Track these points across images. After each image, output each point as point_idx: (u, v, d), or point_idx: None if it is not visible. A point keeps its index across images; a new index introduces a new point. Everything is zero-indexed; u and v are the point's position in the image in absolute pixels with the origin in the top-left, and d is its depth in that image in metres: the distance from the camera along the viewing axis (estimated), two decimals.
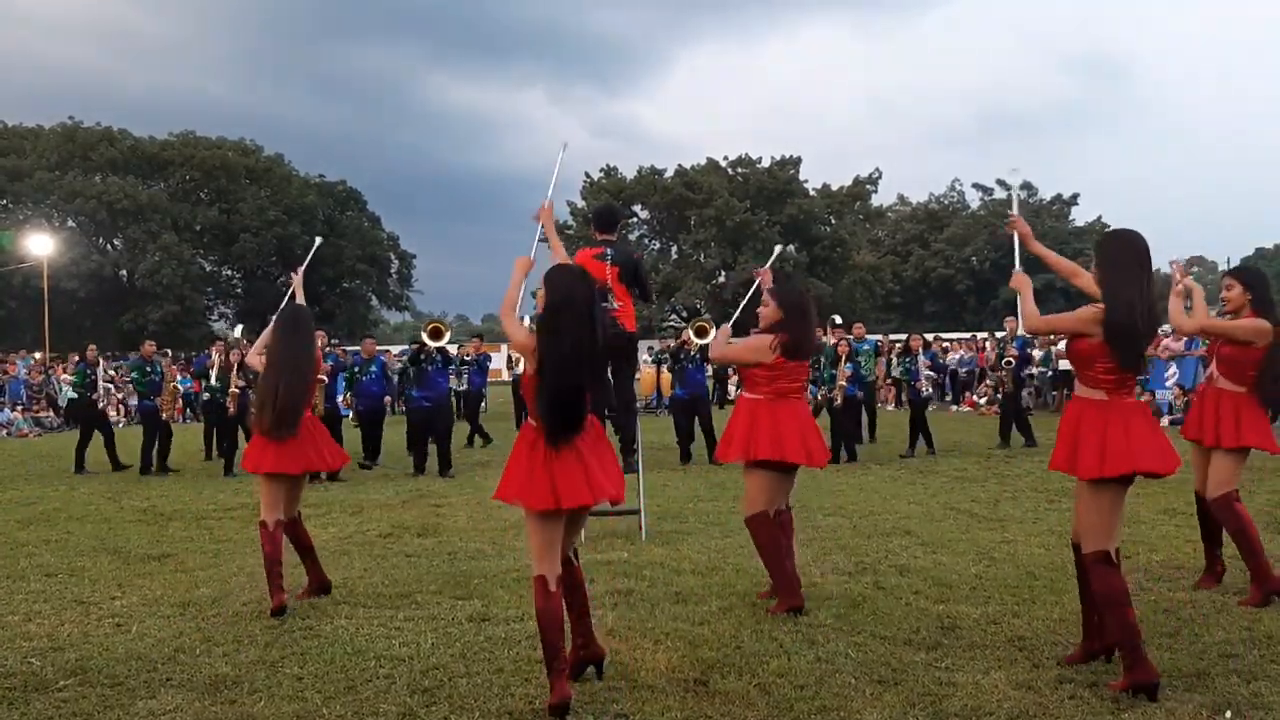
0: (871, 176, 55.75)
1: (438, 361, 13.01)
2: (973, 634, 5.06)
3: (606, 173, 54.40)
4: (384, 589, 6.36)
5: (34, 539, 8.56)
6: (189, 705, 4.27)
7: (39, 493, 11.89)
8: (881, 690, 4.25)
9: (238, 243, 51.29)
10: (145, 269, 48.58)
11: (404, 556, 7.43)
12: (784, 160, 53.73)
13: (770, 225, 50.85)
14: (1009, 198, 8.86)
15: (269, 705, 4.26)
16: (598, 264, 7.98)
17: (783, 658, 4.73)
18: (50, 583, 6.79)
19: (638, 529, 8.00)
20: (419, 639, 5.18)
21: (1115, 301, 4.23)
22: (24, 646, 5.22)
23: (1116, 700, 4.07)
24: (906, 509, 9.13)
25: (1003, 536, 7.69)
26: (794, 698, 4.19)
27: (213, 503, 10.61)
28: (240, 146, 54.45)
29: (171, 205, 50.69)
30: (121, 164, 50.69)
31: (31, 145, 50.66)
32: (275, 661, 4.86)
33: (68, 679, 4.66)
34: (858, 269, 54.49)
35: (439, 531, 8.45)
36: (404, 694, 4.35)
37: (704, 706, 4.12)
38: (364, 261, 56.55)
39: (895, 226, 63.59)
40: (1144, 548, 7.07)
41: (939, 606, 5.61)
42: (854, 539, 7.73)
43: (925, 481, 11.11)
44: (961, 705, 4.05)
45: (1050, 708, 4.02)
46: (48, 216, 49.31)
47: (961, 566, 6.64)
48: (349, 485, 12.06)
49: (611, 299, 7.92)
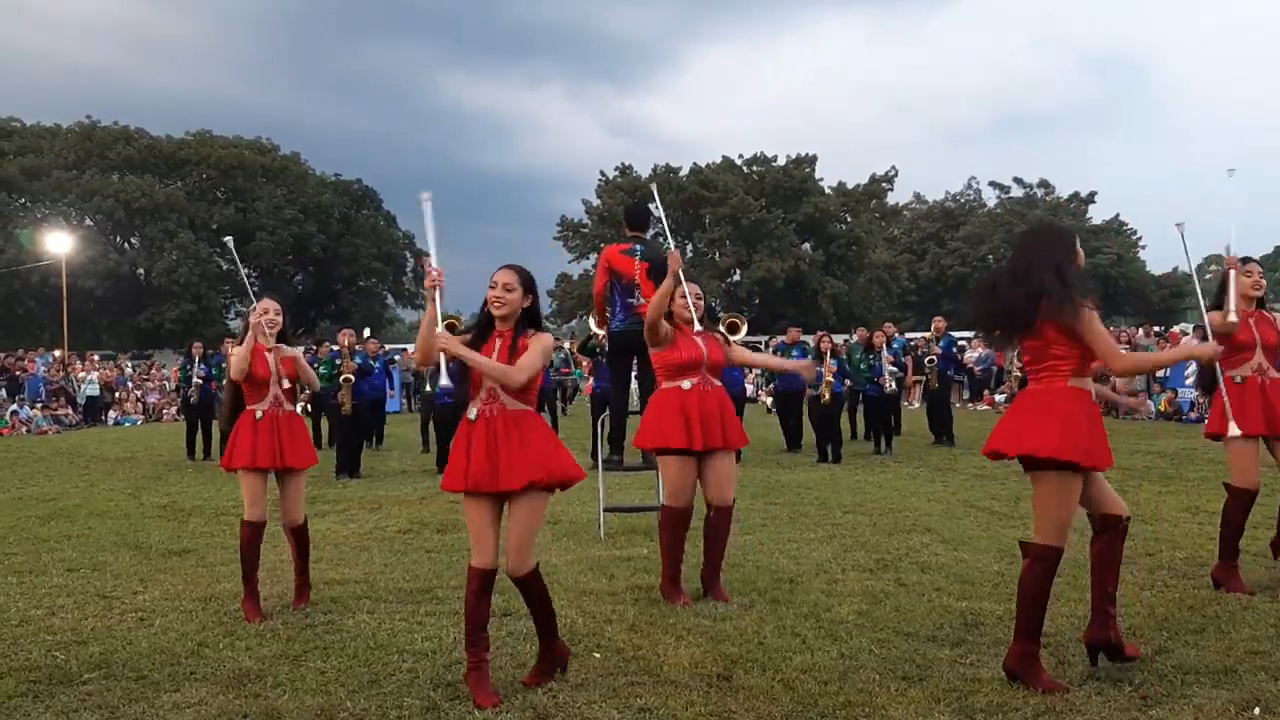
0: (888, 174, 55.67)
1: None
2: (996, 630, 5.03)
3: (622, 171, 54.42)
4: (405, 584, 6.37)
5: (55, 534, 8.61)
6: (213, 699, 4.28)
7: (59, 489, 11.96)
8: (906, 686, 4.23)
9: (254, 241, 51.48)
10: (162, 268, 48.80)
11: (424, 552, 7.44)
12: (799, 159, 53.63)
13: (786, 223, 50.79)
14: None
15: (293, 699, 4.26)
16: (626, 259, 8.01)
17: (806, 653, 4.71)
18: (72, 577, 6.82)
19: (656, 525, 7.97)
20: (441, 634, 5.19)
21: None
22: (48, 640, 5.24)
23: (1144, 696, 4.04)
24: (926, 506, 9.10)
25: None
26: (818, 693, 4.17)
27: (232, 499, 10.64)
28: (256, 145, 54.64)
29: (188, 204, 50.88)
30: (138, 163, 50.91)
31: (49, 144, 50.91)
32: (298, 656, 4.87)
33: (92, 672, 4.68)
34: (874, 267, 54.39)
35: (458, 527, 8.45)
36: (427, 688, 4.35)
37: (728, 701, 4.11)
38: (379, 260, 56.74)
39: (911, 225, 63.38)
40: (1167, 545, 7.03)
41: (961, 603, 5.59)
42: (874, 536, 7.71)
43: (945, 479, 11.07)
44: (987, 701, 4.03)
45: (1076, 704, 3.99)
46: (65, 215, 49.59)
47: (983, 563, 6.61)
48: (368, 482, 12.10)
49: (639, 294, 7.94)
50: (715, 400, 5.79)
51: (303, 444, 5.99)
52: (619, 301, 8.02)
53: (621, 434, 8.46)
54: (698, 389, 5.74)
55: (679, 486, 5.81)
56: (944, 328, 16.74)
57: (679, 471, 5.78)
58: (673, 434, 5.66)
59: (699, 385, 5.75)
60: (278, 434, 5.86)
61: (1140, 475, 10.89)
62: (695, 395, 5.72)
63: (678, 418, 5.67)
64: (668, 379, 5.81)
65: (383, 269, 57.14)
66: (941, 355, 15.60)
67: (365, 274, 56.47)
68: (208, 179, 53.13)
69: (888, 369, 14.40)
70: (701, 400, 5.73)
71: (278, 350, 5.99)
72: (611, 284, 8.04)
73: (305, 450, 6.00)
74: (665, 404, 5.76)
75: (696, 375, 5.76)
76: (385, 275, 57.85)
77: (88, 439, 20.81)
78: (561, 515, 8.95)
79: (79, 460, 15.66)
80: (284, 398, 5.97)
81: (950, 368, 16.46)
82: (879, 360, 14.46)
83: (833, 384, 13.53)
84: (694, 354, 5.76)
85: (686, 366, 5.75)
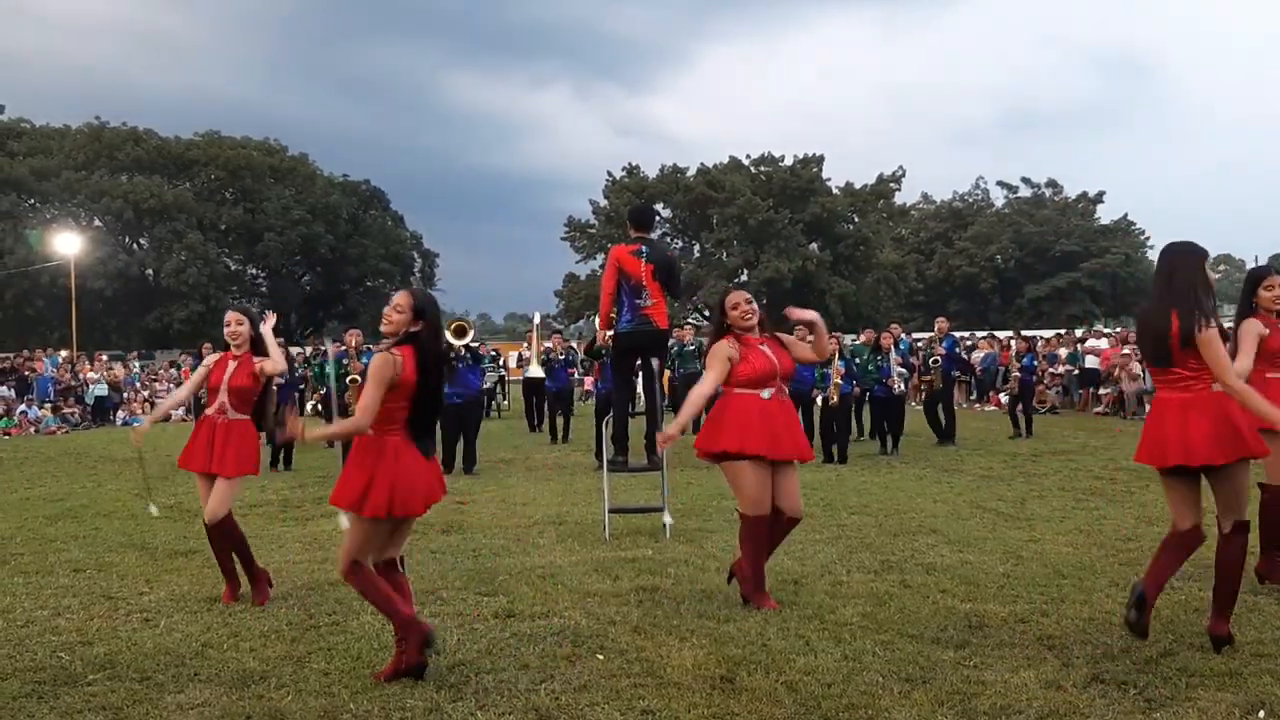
0: (895, 174, 55.58)
1: (467, 359, 13.04)
2: (1001, 633, 5.02)
3: (629, 171, 54.44)
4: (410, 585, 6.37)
5: (62, 534, 8.63)
6: (217, 700, 4.29)
7: (67, 489, 11.99)
8: (910, 688, 4.22)
9: (262, 241, 51.60)
10: (171, 268, 48.93)
11: (429, 553, 7.44)
12: (807, 159, 53.59)
13: (793, 224, 50.75)
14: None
15: (296, 700, 4.27)
16: (634, 260, 8.00)
17: (809, 655, 4.70)
18: (78, 578, 6.84)
19: (661, 526, 7.98)
20: (445, 635, 5.17)
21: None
22: (53, 641, 5.25)
23: (1149, 699, 4.03)
24: (932, 507, 9.08)
25: (1030, 535, 7.63)
26: (821, 695, 4.16)
27: (237, 500, 10.63)
28: (265, 146, 54.79)
29: (197, 205, 51.00)
30: (147, 164, 51.04)
31: (58, 145, 51.08)
32: (302, 657, 4.88)
33: (97, 673, 4.69)
34: (881, 267, 54.33)
35: (463, 528, 8.46)
36: (430, 689, 4.35)
37: (730, 703, 4.11)
38: (387, 260, 56.86)
39: (919, 225, 63.28)
40: None
41: (966, 605, 5.58)
42: (879, 537, 7.69)
43: (951, 480, 11.04)
44: (991, 704, 4.02)
45: (1080, 707, 3.98)
46: (74, 216, 49.76)
47: (989, 565, 6.59)
48: None
49: (646, 296, 7.94)
50: (789, 410, 5.74)
51: (234, 452, 6.04)
52: (626, 302, 8.02)
53: (625, 435, 8.45)
54: (775, 398, 5.60)
55: (759, 494, 5.56)
56: (947, 328, 16.75)
57: (758, 479, 5.54)
58: (756, 440, 5.47)
59: (776, 395, 5.61)
60: (213, 440, 6.01)
61: (1147, 476, 10.81)
62: (775, 405, 5.58)
63: (760, 425, 5.49)
64: (741, 389, 5.61)
65: (390, 269, 57.23)
66: (945, 355, 15.58)
67: (373, 274, 56.59)
68: (216, 180, 53.26)
69: (896, 370, 14.37)
70: (781, 410, 5.62)
71: (245, 358, 6.13)
72: (619, 284, 8.04)
73: (235, 460, 6.05)
74: (743, 409, 5.55)
75: (773, 385, 5.61)
76: (393, 275, 57.90)
77: (95, 439, 20.85)
78: (566, 516, 8.96)
79: (86, 460, 15.70)
80: (230, 406, 6.05)
81: (954, 367, 16.44)
82: (887, 361, 14.42)
83: (840, 385, 13.52)
84: (766, 366, 5.59)
85: (761, 380, 5.57)
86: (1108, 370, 21.59)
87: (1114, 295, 55.35)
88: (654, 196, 52.57)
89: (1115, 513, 8.56)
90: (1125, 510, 8.68)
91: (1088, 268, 54.06)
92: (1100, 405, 21.65)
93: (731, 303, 5.72)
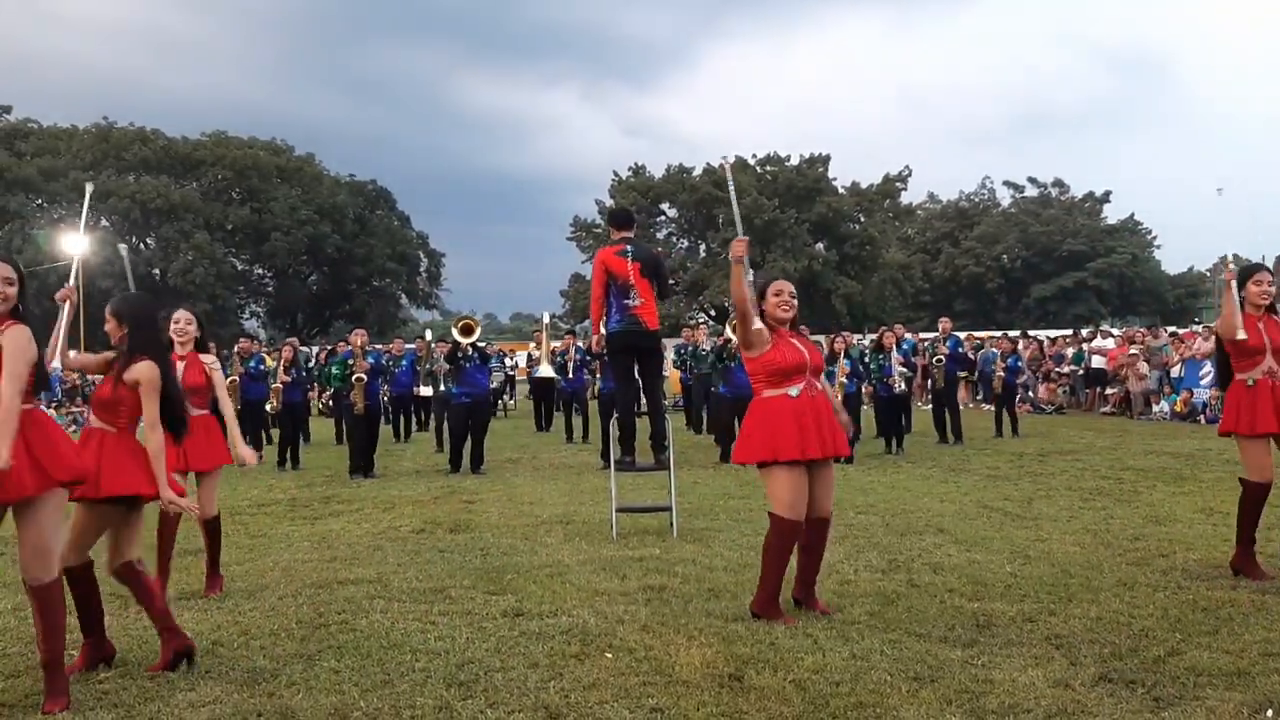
0: (901, 174, 55.46)
1: (475, 358, 13.05)
2: (1008, 632, 5.02)
3: (635, 171, 54.38)
4: (418, 584, 6.40)
5: None
6: (227, 697, 4.31)
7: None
8: (918, 687, 4.23)
9: (268, 241, 51.66)
10: (178, 268, 49.00)
11: (437, 552, 7.47)
12: (813, 158, 53.48)
13: (799, 223, 50.68)
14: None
15: (307, 698, 4.29)
16: (620, 260, 8.03)
17: (817, 654, 4.71)
18: None
19: (669, 526, 8.00)
20: (454, 633, 5.20)
21: None
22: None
23: (1157, 698, 4.03)
24: (939, 507, 9.08)
25: (1037, 535, 7.63)
26: (829, 694, 4.17)
27: (246, 498, 10.70)
28: (271, 146, 54.81)
29: (204, 205, 51.04)
30: (154, 164, 51.11)
31: (66, 145, 51.14)
32: (312, 655, 4.90)
33: (107, 671, 4.73)
34: (888, 267, 54.20)
35: (471, 527, 8.49)
36: (440, 687, 4.37)
37: (739, 702, 4.12)
38: (394, 260, 56.86)
39: (925, 224, 63.24)
40: (1181, 546, 7.01)
41: (974, 604, 5.58)
42: (886, 537, 7.70)
43: (957, 480, 11.05)
44: (999, 703, 4.03)
45: (1088, 706, 3.99)
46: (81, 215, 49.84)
47: (996, 564, 6.60)
48: (381, 482, 12.15)
49: (634, 295, 7.96)
50: (823, 405, 5.53)
51: (199, 448, 6.24)
52: (614, 303, 8.06)
53: (632, 435, 8.47)
54: (805, 394, 5.45)
55: (796, 498, 5.38)
56: (950, 328, 16.84)
57: (794, 482, 5.37)
58: (785, 445, 5.32)
59: (806, 391, 5.46)
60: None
61: (1154, 476, 10.85)
62: (805, 401, 5.41)
63: (791, 427, 5.35)
64: (770, 386, 5.48)
65: (397, 269, 57.28)
66: (949, 355, 15.62)
67: (380, 274, 56.59)
68: (223, 180, 53.29)
69: (897, 370, 14.37)
70: (812, 406, 5.45)
71: (191, 356, 6.42)
72: (608, 286, 8.08)
73: (205, 455, 6.31)
74: (773, 413, 5.40)
75: (801, 380, 5.45)
76: (399, 275, 57.98)
77: None
78: (574, 515, 8.98)
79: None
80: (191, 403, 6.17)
81: (958, 367, 16.49)
82: (889, 361, 14.43)
83: (845, 385, 13.54)
84: (797, 358, 5.45)
85: (791, 371, 5.43)
86: (1114, 370, 21.58)
87: (1120, 295, 55.28)
88: (660, 196, 52.56)
89: (1122, 512, 8.56)
90: (1132, 510, 8.67)
91: (1094, 267, 54.02)
92: (1107, 405, 21.64)
93: (775, 289, 5.60)
